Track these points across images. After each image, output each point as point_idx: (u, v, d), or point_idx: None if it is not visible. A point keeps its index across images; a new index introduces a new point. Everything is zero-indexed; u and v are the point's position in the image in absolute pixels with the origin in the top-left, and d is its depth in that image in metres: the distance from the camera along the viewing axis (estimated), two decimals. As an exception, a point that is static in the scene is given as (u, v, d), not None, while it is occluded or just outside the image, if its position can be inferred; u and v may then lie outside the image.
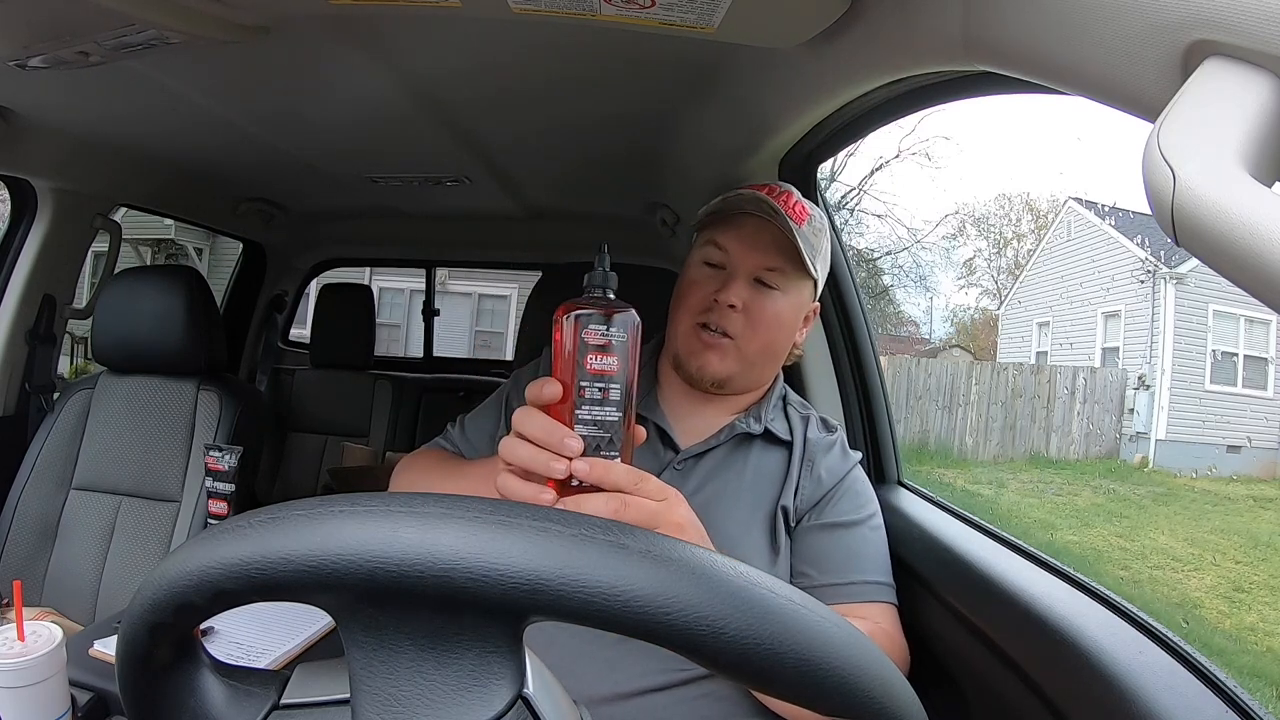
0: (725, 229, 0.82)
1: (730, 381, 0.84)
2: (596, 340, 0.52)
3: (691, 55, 0.88)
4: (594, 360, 0.52)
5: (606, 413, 0.52)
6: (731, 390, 0.86)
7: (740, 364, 0.83)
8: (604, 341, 0.52)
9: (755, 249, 0.81)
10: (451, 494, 0.30)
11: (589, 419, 0.52)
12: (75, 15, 0.76)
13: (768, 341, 0.83)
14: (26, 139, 1.25)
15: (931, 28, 0.57)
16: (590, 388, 0.52)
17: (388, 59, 0.95)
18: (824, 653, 0.28)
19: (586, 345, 0.52)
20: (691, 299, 0.83)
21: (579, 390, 0.52)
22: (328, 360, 2.33)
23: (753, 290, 0.81)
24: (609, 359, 0.52)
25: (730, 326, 0.81)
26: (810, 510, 0.83)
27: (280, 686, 0.35)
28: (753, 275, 0.81)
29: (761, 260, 0.81)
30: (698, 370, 0.83)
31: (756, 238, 0.81)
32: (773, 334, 0.83)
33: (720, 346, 0.81)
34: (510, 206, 1.91)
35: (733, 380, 0.84)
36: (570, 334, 0.52)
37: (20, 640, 0.65)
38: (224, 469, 1.14)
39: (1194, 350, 8.74)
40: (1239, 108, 0.31)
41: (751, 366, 0.84)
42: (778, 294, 0.82)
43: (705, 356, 0.82)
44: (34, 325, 1.50)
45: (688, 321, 0.83)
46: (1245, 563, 5.60)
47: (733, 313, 0.80)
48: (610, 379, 0.52)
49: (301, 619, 1.01)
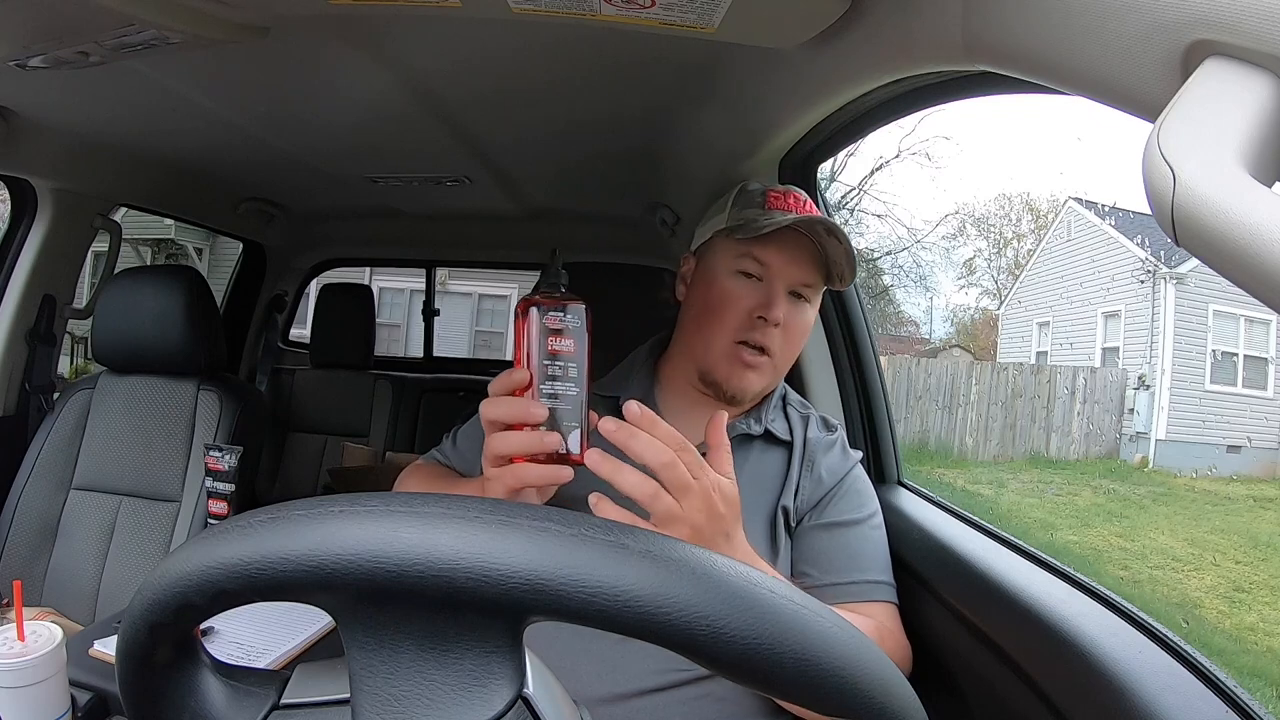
0: (768, 244, 0.80)
1: (762, 393, 0.85)
2: (555, 325, 0.59)
3: (691, 55, 0.88)
4: (553, 342, 0.59)
5: (566, 388, 0.59)
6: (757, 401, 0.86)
7: (774, 376, 0.83)
8: (561, 326, 0.59)
9: (796, 264, 0.80)
10: (452, 494, 0.30)
11: (550, 393, 0.59)
12: (75, 15, 0.76)
13: (796, 349, 0.85)
14: (26, 139, 1.24)
15: (931, 28, 0.57)
16: (551, 365, 0.59)
17: (388, 59, 0.95)
18: (824, 653, 0.28)
19: (546, 329, 0.59)
20: (730, 314, 0.81)
21: (541, 368, 0.59)
22: (328, 360, 2.33)
23: (789, 304, 0.81)
24: (566, 340, 0.59)
25: (771, 344, 0.80)
26: (811, 510, 0.83)
27: (280, 686, 0.35)
28: (790, 289, 0.81)
29: (801, 276, 0.81)
30: (739, 390, 0.81)
31: (796, 252, 0.80)
32: (801, 341, 0.85)
33: (760, 366, 0.81)
34: (510, 206, 1.91)
35: (762, 393, 0.85)
36: (530, 322, 0.59)
37: (20, 640, 0.65)
38: (224, 469, 1.14)
39: (1194, 350, 8.74)
40: (1239, 108, 0.31)
41: (779, 374, 0.85)
42: (808, 306, 0.83)
43: (746, 377, 0.81)
44: (34, 325, 1.50)
45: (725, 338, 0.81)
46: (1245, 563, 5.60)
47: (774, 330, 0.80)
48: (568, 358, 0.59)
49: (301, 619, 1.01)
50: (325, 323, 2.33)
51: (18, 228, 1.46)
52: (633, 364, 0.91)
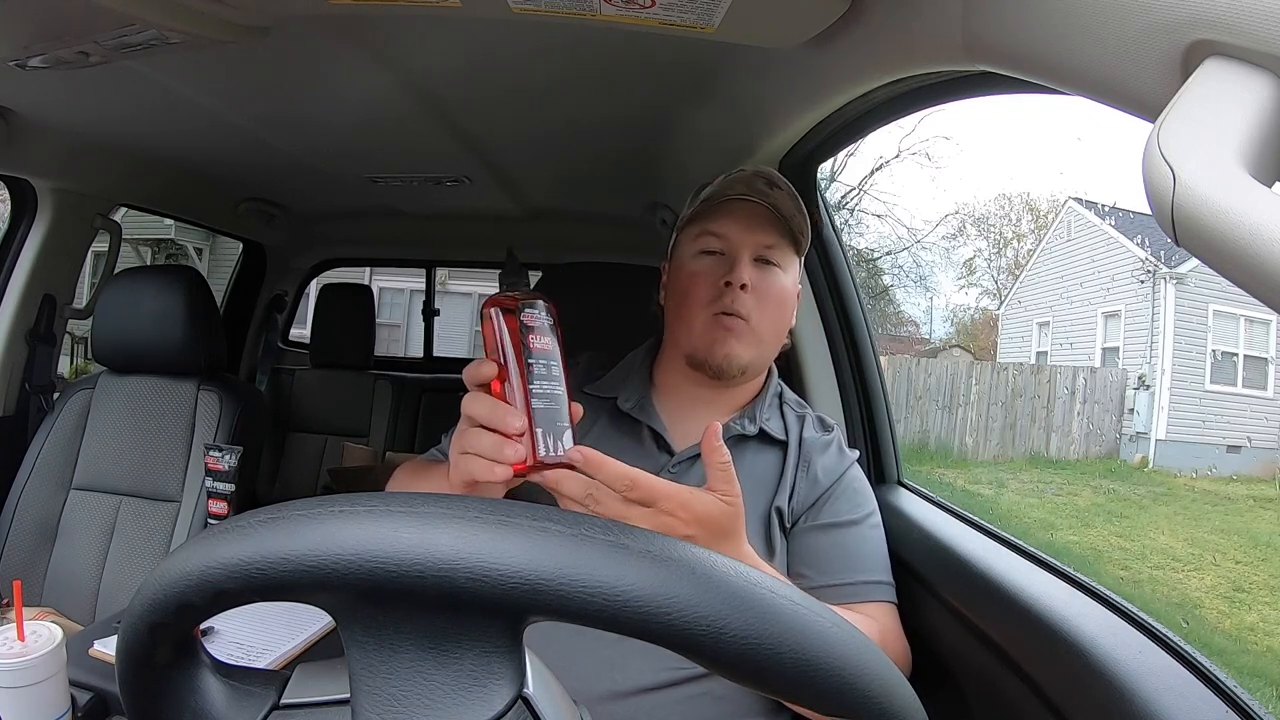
0: (718, 216, 0.82)
1: (751, 366, 0.83)
2: (533, 323, 0.57)
3: (691, 55, 0.88)
4: (535, 340, 0.57)
5: (553, 387, 0.57)
6: (751, 376, 0.86)
7: (757, 346, 0.83)
8: (539, 324, 0.58)
9: (753, 229, 0.81)
10: (451, 494, 0.30)
11: (542, 393, 0.57)
12: (75, 15, 0.76)
13: (776, 319, 0.84)
14: (26, 139, 1.25)
15: (931, 28, 0.57)
16: (537, 364, 0.57)
17: (388, 59, 0.95)
18: (824, 653, 0.28)
19: (528, 328, 0.57)
20: (699, 290, 0.82)
21: (528, 368, 0.57)
22: (328, 360, 2.33)
23: (756, 270, 0.81)
24: (546, 339, 0.58)
25: (743, 308, 0.80)
26: (807, 511, 0.83)
27: (280, 686, 0.35)
28: (754, 255, 0.82)
29: (761, 239, 0.82)
30: (725, 359, 0.81)
31: (751, 219, 0.81)
32: (780, 311, 0.84)
33: (739, 330, 0.81)
34: (510, 206, 1.91)
35: (753, 364, 0.84)
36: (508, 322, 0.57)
37: (20, 640, 0.65)
38: (224, 469, 1.14)
39: (1194, 350, 8.74)
40: (1239, 108, 0.31)
41: (765, 347, 0.84)
42: (779, 271, 0.83)
43: (729, 343, 0.81)
44: (34, 325, 1.50)
45: (702, 314, 0.81)
46: (1245, 563, 5.59)
47: (744, 293, 0.80)
48: (550, 356, 0.58)
49: (301, 619, 1.01)
50: (325, 323, 2.33)
51: (18, 228, 1.46)
52: (630, 365, 0.91)
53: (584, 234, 2.08)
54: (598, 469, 0.57)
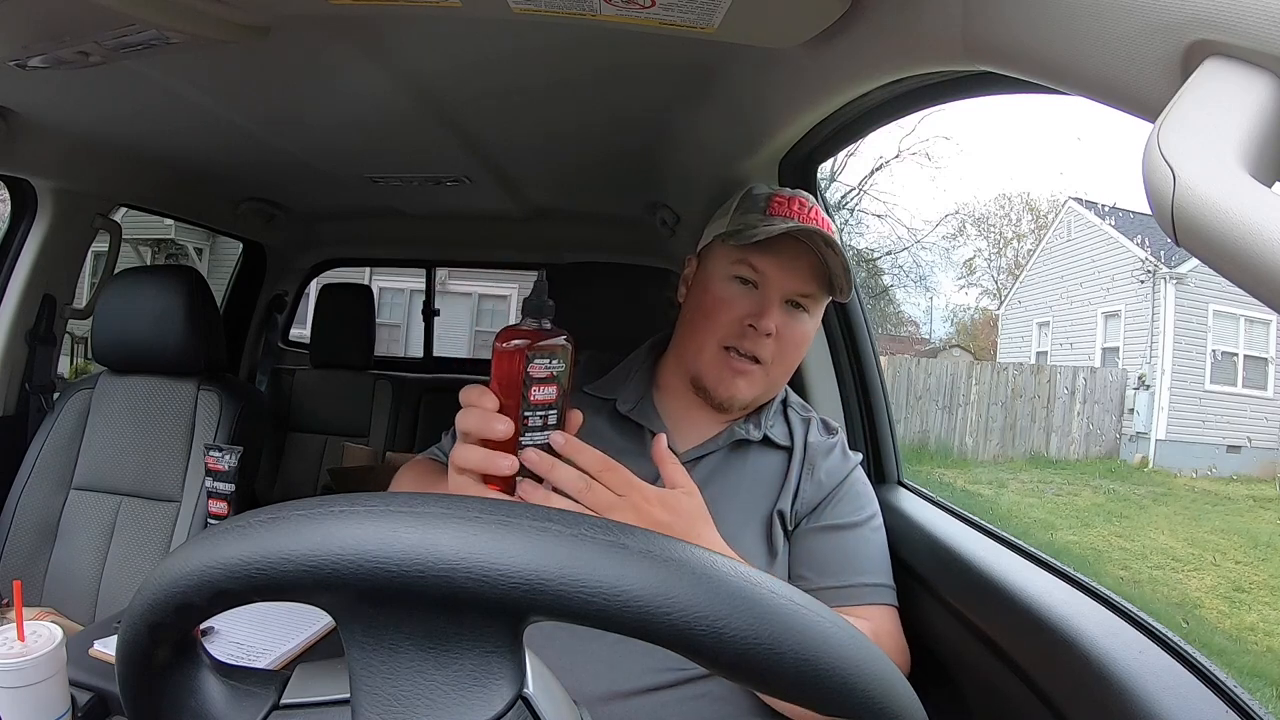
0: (762, 250, 0.79)
1: (755, 401, 0.84)
2: (540, 374, 0.56)
3: (691, 55, 0.88)
4: (537, 392, 0.56)
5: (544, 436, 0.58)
6: (754, 406, 0.85)
7: (766, 387, 0.82)
8: (546, 374, 0.56)
9: (793, 274, 0.79)
10: (452, 494, 0.30)
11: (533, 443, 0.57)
12: (75, 15, 0.76)
13: (792, 361, 0.83)
14: (26, 139, 1.24)
15: (931, 28, 0.57)
16: (533, 417, 0.57)
17: (388, 59, 0.95)
18: (824, 653, 0.28)
19: (531, 379, 0.56)
20: (721, 319, 0.80)
21: (524, 419, 0.56)
22: (328, 360, 2.33)
23: (784, 314, 0.80)
24: (549, 389, 0.57)
25: (761, 352, 0.79)
26: (810, 513, 0.83)
27: (280, 686, 0.35)
28: (785, 299, 0.80)
29: (797, 286, 0.80)
30: (727, 398, 0.81)
31: (794, 262, 0.79)
32: (797, 355, 0.83)
33: (750, 373, 0.80)
34: (510, 206, 1.91)
35: (758, 400, 0.84)
36: (516, 366, 0.56)
37: (20, 640, 0.65)
38: (224, 469, 1.14)
39: (1194, 350, 8.73)
40: (1239, 108, 0.31)
41: (774, 385, 0.84)
42: (806, 316, 0.82)
43: (735, 384, 0.80)
44: (34, 325, 1.50)
45: (714, 344, 0.80)
46: (1245, 563, 5.59)
47: (766, 339, 0.79)
48: (550, 407, 0.57)
49: (301, 619, 1.01)
50: (325, 323, 2.33)
51: (18, 228, 1.46)
52: (631, 366, 0.91)
53: (584, 234, 2.08)
54: (576, 454, 0.59)
